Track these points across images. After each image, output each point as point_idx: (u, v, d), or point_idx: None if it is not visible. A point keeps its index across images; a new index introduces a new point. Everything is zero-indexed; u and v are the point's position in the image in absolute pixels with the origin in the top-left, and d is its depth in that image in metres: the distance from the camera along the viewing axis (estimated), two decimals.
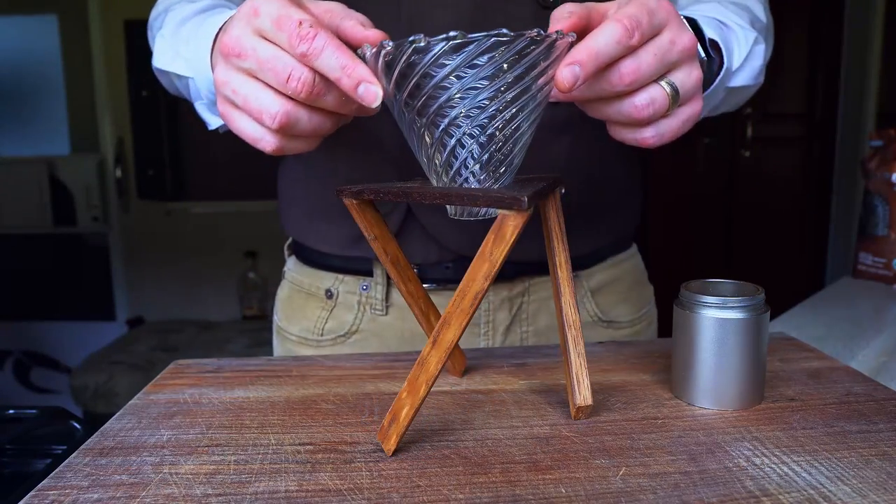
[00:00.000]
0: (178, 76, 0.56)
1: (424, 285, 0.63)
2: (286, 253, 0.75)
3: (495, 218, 0.36)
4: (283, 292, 0.73)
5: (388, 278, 0.65)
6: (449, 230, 0.61)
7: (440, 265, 0.64)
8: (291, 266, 0.72)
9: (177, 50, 0.56)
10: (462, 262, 0.63)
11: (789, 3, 2.75)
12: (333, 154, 0.62)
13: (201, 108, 0.58)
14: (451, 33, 0.34)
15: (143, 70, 2.80)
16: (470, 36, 0.34)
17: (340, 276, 0.66)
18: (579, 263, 0.67)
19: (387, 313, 0.66)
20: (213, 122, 0.59)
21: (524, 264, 0.63)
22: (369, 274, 0.65)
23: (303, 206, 0.68)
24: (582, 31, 0.39)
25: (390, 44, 0.35)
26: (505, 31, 0.34)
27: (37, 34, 2.86)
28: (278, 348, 0.72)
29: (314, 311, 0.68)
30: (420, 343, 0.66)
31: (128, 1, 2.76)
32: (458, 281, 0.63)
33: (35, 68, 2.89)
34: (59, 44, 2.84)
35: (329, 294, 0.67)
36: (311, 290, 0.68)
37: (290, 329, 0.70)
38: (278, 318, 0.72)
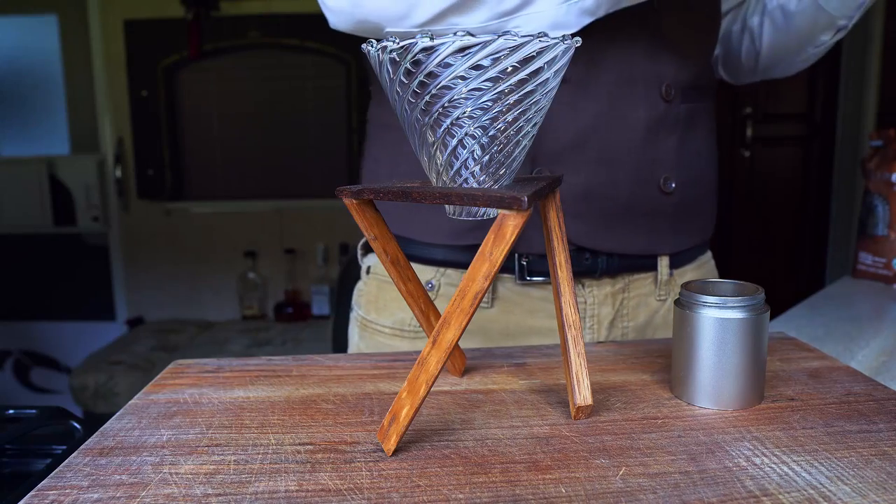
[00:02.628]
0: None
1: (534, 278, 0.65)
2: (360, 252, 0.76)
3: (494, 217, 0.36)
4: (368, 287, 0.73)
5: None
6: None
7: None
8: (378, 261, 0.72)
9: None
10: (581, 253, 0.65)
11: None
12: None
13: None
14: (458, 33, 0.34)
15: (143, 70, 2.80)
16: (476, 37, 0.34)
17: (442, 269, 0.67)
18: (677, 263, 0.70)
19: (492, 306, 0.66)
20: None
21: (630, 258, 0.66)
22: None
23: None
24: None
25: (397, 40, 0.35)
26: (511, 33, 0.34)
27: (37, 34, 2.86)
28: (362, 341, 0.73)
29: None
30: (525, 337, 0.67)
31: (128, 1, 2.76)
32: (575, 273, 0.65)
33: (35, 68, 2.89)
34: (59, 44, 2.84)
35: (430, 286, 0.68)
36: None
37: (382, 322, 0.70)
38: (364, 312, 0.73)
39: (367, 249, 0.75)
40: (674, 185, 0.65)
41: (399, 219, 0.69)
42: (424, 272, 0.68)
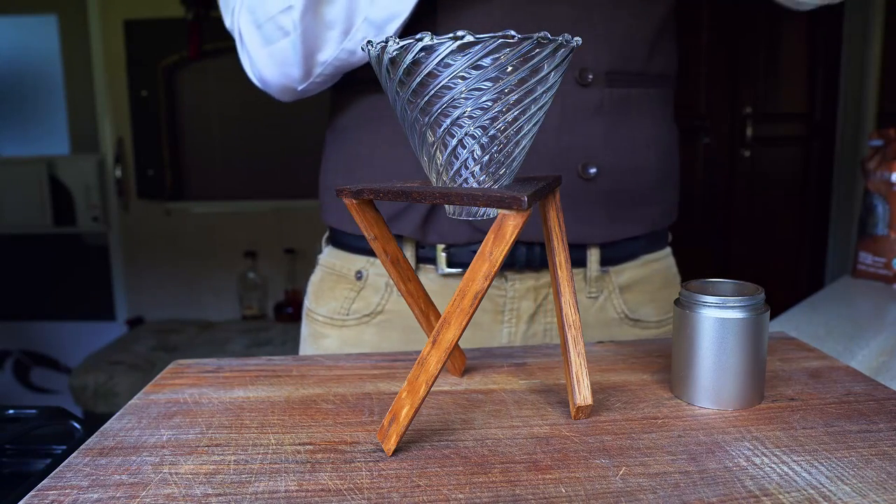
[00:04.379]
0: None
1: (453, 269, 0.66)
2: (323, 244, 0.79)
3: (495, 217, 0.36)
4: (315, 277, 0.76)
5: (417, 261, 0.67)
6: None
7: (468, 247, 0.65)
8: (327, 253, 0.76)
9: None
10: None
11: None
12: (373, 149, 0.66)
13: None
14: (458, 33, 0.34)
15: (143, 70, 2.80)
16: (476, 36, 0.34)
17: (372, 259, 0.69)
18: (610, 259, 0.68)
19: None
20: None
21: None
22: None
23: None
24: None
25: (397, 40, 0.35)
26: (512, 32, 0.34)
27: (37, 34, 2.86)
28: (305, 329, 0.75)
29: (342, 292, 0.70)
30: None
31: (128, 1, 2.76)
32: None
33: (35, 68, 2.89)
34: (59, 44, 2.84)
35: (359, 276, 0.69)
36: (342, 272, 0.71)
37: (319, 311, 0.72)
38: (308, 301, 0.75)
39: (328, 242, 0.77)
40: (594, 170, 0.63)
41: (337, 214, 0.71)
42: (356, 262, 0.70)
